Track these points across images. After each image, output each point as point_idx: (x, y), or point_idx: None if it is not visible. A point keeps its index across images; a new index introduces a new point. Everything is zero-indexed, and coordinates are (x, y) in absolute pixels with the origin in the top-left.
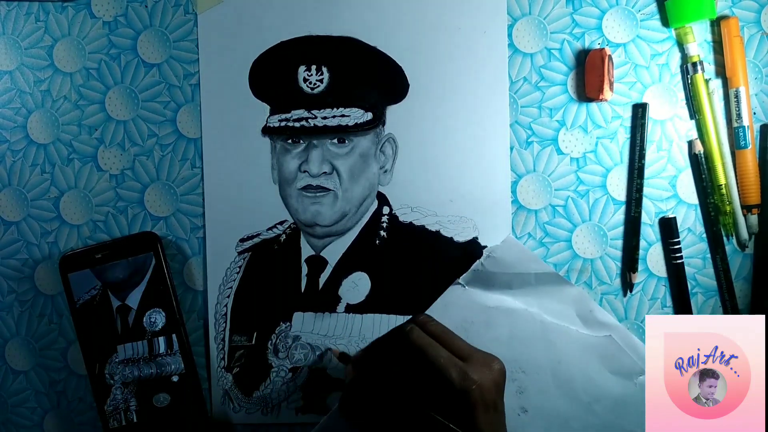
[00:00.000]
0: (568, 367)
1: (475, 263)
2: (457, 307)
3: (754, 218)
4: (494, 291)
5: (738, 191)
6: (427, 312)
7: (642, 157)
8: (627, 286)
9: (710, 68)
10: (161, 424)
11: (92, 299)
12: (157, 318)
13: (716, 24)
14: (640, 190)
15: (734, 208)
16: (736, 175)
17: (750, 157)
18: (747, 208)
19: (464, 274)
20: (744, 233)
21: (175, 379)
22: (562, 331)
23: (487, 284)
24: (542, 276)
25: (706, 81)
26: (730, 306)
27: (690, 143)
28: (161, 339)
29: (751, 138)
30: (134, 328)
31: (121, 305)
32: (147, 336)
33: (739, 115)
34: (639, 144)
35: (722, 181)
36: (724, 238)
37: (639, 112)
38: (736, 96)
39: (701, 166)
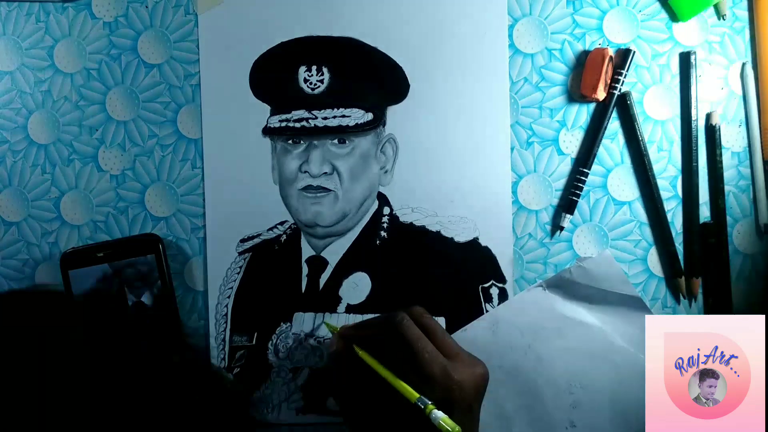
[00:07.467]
0: (626, 392)
1: (564, 269)
2: (534, 309)
3: None
4: (573, 301)
5: (762, 151)
6: (502, 305)
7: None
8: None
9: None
10: None
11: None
12: None
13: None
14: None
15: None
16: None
17: None
18: None
19: (549, 278)
20: (764, 216)
21: None
22: (630, 357)
23: (568, 292)
24: (627, 299)
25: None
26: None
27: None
28: None
29: None
30: None
31: None
32: None
33: None
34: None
35: None
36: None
37: (710, 132)
38: None
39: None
